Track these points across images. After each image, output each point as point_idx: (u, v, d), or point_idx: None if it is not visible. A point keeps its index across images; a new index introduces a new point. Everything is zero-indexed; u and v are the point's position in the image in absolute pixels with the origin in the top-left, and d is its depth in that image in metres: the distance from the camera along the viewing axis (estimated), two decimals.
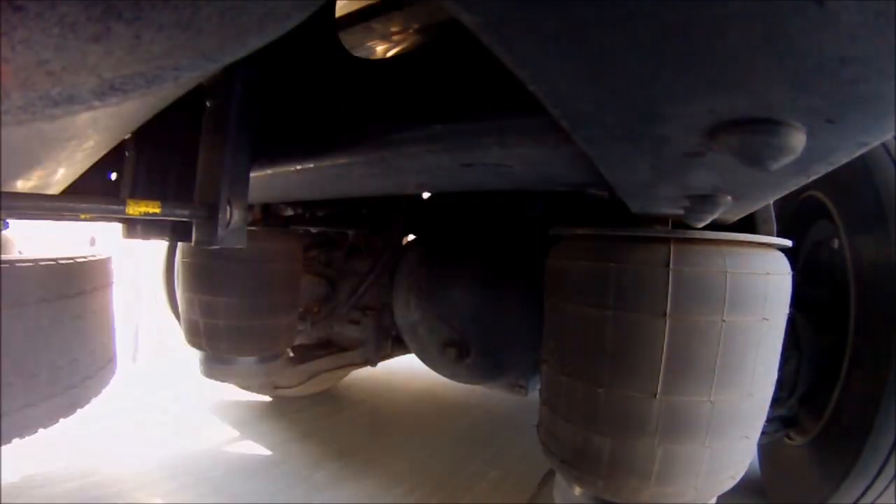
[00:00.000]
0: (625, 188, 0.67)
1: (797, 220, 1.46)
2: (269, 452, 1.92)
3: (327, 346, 2.14)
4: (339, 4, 1.01)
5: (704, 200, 0.62)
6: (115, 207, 0.79)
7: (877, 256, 1.12)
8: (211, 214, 0.90)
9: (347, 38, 1.01)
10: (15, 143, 0.53)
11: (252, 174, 0.99)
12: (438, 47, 0.85)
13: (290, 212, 1.84)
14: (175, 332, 2.52)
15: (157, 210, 0.82)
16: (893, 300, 1.07)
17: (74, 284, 1.08)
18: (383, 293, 1.94)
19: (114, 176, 1.15)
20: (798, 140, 0.39)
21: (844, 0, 0.25)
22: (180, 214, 0.89)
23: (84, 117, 0.50)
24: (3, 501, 1.45)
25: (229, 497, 1.59)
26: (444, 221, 1.73)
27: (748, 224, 0.83)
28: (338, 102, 0.97)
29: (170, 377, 2.67)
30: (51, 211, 0.78)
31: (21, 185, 0.80)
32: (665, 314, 0.73)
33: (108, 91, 0.41)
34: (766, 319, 0.76)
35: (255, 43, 0.47)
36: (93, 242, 2.35)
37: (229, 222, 0.91)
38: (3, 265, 0.93)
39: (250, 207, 1.04)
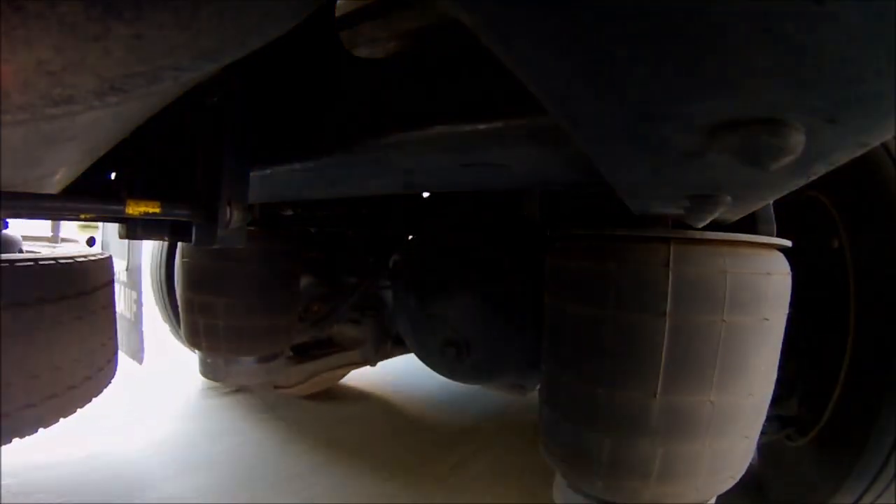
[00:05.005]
0: (625, 188, 0.67)
1: (797, 220, 1.46)
2: (268, 452, 1.92)
3: (327, 346, 2.14)
4: (339, 4, 1.01)
5: (704, 200, 0.62)
6: (115, 207, 0.80)
7: (877, 256, 1.12)
8: (211, 214, 0.90)
9: (347, 38, 1.01)
10: (15, 143, 0.53)
11: (252, 174, 0.99)
12: (438, 47, 0.85)
13: (290, 212, 1.84)
14: (170, 333, 2.53)
15: (157, 210, 0.83)
16: (894, 300, 1.07)
17: (74, 284, 1.08)
18: (383, 293, 1.94)
19: (114, 176, 1.15)
20: (798, 140, 0.39)
21: (844, 0, 0.25)
22: (180, 214, 0.89)
23: (84, 117, 0.50)
24: (3, 501, 1.45)
25: (228, 497, 1.59)
26: (444, 221, 1.73)
27: (748, 224, 0.83)
28: (338, 102, 0.97)
29: (169, 377, 2.67)
30: (51, 211, 0.78)
31: (21, 185, 0.80)
32: (665, 314, 0.73)
33: (108, 91, 0.41)
34: (767, 319, 0.76)
35: (255, 43, 0.47)
36: (92, 242, 2.35)
37: (229, 222, 0.90)
38: (3, 265, 0.93)
39: (250, 207, 1.04)
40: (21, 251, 1.32)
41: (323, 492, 1.65)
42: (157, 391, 2.49)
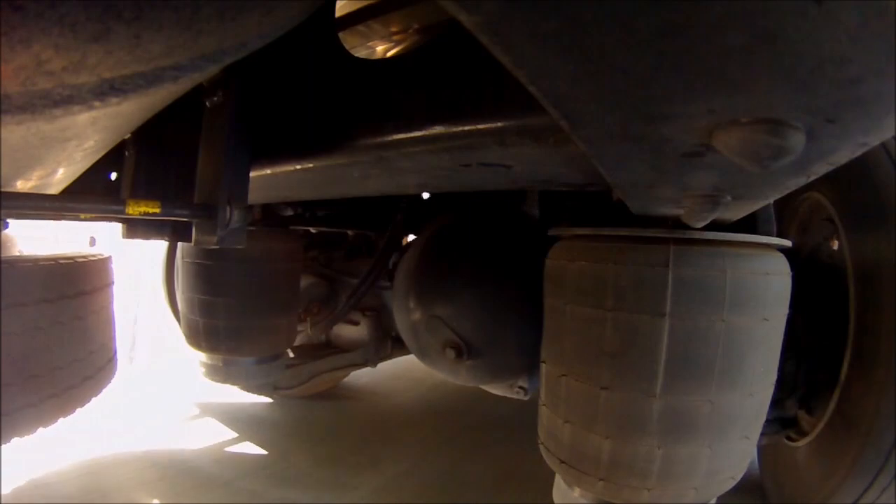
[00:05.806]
0: (625, 188, 0.67)
1: (797, 220, 1.46)
2: (267, 453, 1.92)
3: (327, 347, 2.14)
4: (339, 4, 1.01)
5: (704, 200, 0.62)
6: (115, 207, 0.80)
7: (877, 256, 1.12)
8: (211, 214, 0.90)
9: (347, 38, 1.01)
10: (15, 143, 0.53)
11: (252, 174, 0.99)
12: (438, 47, 0.85)
13: (290, 212, 1.84)
14: (174, 332, 2.52)
15: (157, 210, 0.83)
16: (893, 300, 1.07)
17: (74, 284, 1.08)
18: (383, 294, 1.94)
19: (114, 176, 1.15)
20: (798, 140, 0.39)
21: (844, 0, 0.25)
22: (180, 214, 0.89)
23: (84, 117, 0.50)
24: (3, 502, 1.45)
25: (228, 497, 1.58)
26: (444, 221, 1.73)
27: (748, 224, 0.83)
28: (338, 102, 0.97)
29: (169, 377, 2.67)
30: (51, 211, 0.78)
31: (21, 185, 0.80)
32: (665, 315, 0.73)
33: (108, 91, 0.41)
34: (766, 319, 0.76)
35: (255, 43, 0.47)
36: (92, 242, 2.35)
37: (229, 222, 0.91)
38: (3, 265, 0.93)
39: (250, 207, 1.04)
40: (21, 251, 1.32)
41: (324, 491, 1.65)
42: (157, 391, 2.49)
